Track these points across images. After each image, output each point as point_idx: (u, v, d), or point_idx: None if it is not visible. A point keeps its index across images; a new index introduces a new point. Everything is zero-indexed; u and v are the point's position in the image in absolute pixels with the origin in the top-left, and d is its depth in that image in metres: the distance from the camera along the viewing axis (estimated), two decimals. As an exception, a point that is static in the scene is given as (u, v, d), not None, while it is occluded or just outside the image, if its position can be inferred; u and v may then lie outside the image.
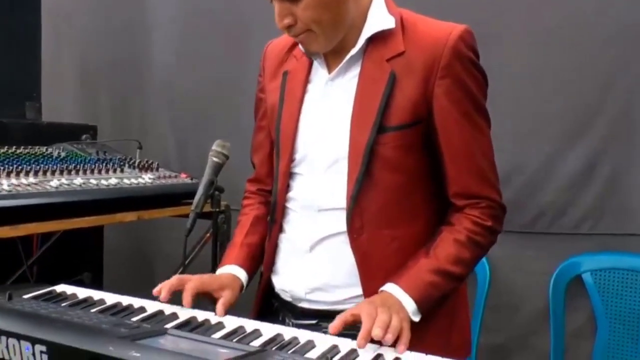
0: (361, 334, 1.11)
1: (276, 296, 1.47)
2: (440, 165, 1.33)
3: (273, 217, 1.45)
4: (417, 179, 1.33)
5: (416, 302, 1.23)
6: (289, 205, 1.42)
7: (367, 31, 1.31)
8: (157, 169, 2.26)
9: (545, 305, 2.37)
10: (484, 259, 2.43)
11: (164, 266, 2.86)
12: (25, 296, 1.34)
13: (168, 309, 1.29)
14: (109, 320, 1.18)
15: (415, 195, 1.34)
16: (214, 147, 1.77)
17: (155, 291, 1.29)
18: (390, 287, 1.25)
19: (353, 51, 1.32)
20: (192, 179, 2.24)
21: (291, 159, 1.40)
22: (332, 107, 1.35)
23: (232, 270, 1.44)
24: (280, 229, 1.44)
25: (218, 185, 1.78)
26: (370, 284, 1.30)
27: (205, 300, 1.34)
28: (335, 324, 1.15)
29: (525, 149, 2.39)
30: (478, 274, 2.46)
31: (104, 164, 2.08)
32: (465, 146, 1.31)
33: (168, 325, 1.19)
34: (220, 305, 1.29)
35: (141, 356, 0.98)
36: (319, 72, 1.39)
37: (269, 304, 1.49)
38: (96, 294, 1.38)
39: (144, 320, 1.22)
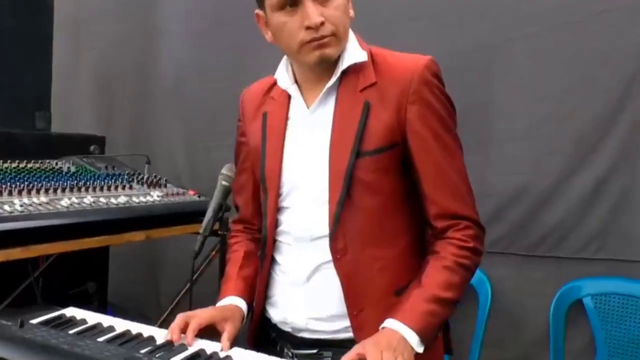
0: None
1: (273, 327, 1.49)
2: (419, 187, 1.37)
3: (264, 251, 1.48)
4: (396, 201, 1.38)
5: (417, 333, 1.25)
6: (280, 238, 1.46)
7: (344, 63, 1.38)
8: (165, 185, 2.27)
9: (547, 328, 2.36)
10: (484, 278, 2.45)
11: (169, 275, 2.87)
12: (34, 321, 1.36)
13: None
14: (119, 353, 1.20)
15: (395, 217, 1.38)
16: (223, 171, 1.79)
17: (167, 338, 1.30)
18: (390, 323, 1.27)
19: (330, 82, 1.38)
20: (199, 197, 2.25)
21: (278, 194, 1.44)
22: (314, 139, 1.40)
23: (233, 301, 1.47)
24: (272, 262, 1.48)
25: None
26: (355, 305, 1.34)
27: (210, 333, 1.36)
28: None
29: (534, 172, 2.38)
30: (479, 292, 2.46)
31: (113, 180, 2.10)
32: (439, 166, 1.35)
33: (175, 358, 1.20)
34: (225, 340, 1.32)
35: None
36: (298, 107, 1.44)
37: (264, 335, 1.51)
38: (105, 320, 1.40)
39: (152, 351, 1.24)
